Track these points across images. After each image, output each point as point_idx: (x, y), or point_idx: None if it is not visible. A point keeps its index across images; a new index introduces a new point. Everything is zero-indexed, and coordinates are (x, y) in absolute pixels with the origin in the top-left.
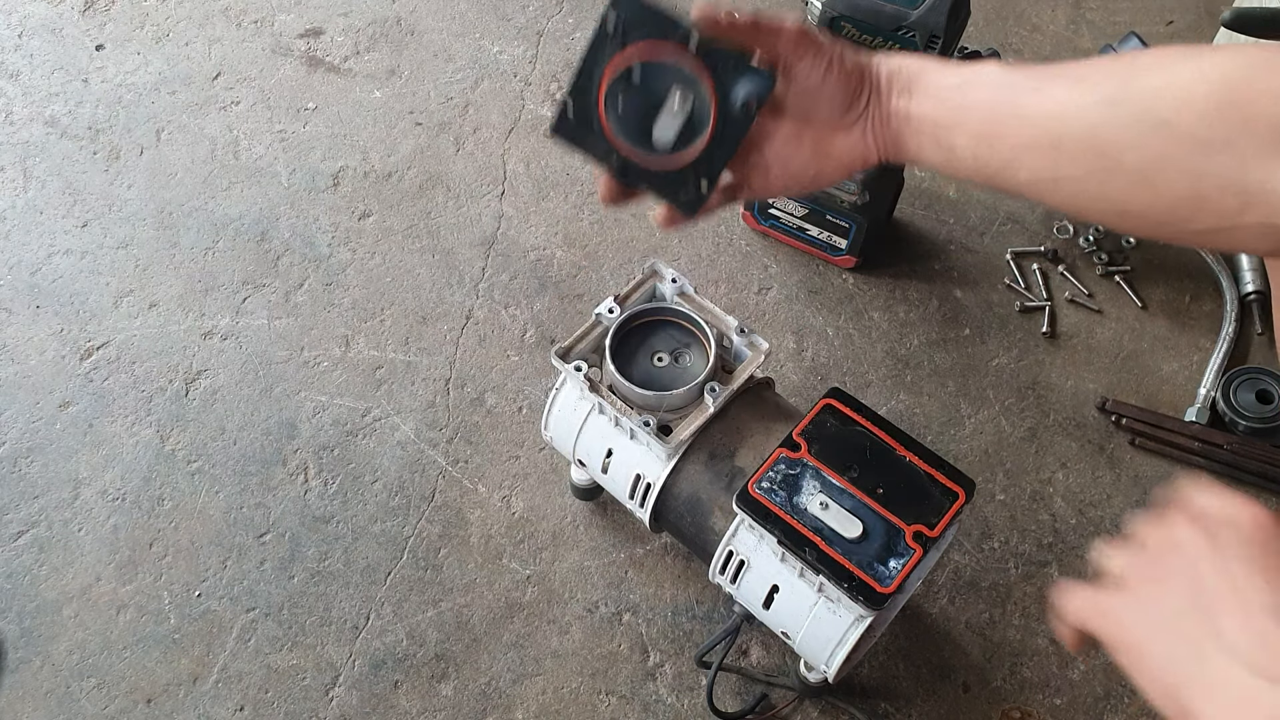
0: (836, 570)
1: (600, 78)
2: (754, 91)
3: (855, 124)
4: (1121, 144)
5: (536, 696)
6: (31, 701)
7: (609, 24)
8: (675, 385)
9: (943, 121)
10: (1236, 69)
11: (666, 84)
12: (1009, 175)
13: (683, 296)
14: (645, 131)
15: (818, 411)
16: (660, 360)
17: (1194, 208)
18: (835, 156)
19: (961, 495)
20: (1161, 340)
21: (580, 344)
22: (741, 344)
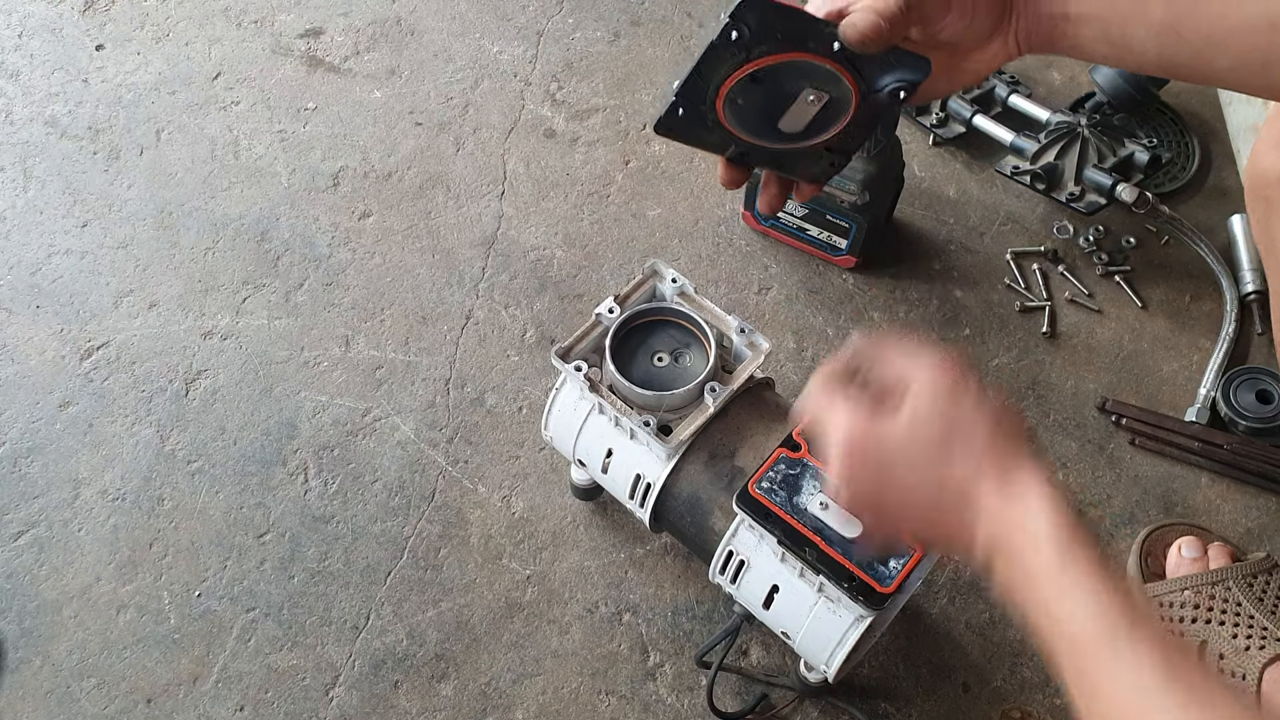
0: (836, 570)
1: (720, 83)
2: (905, 82)
3: (996, 37)
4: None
5: (536, 696)
6: (31, 701)
7: (732, 33)
8: (675, 385)
9: (1113, 17)
10: None
11: (798, 82)
12: (1202, 64)
13: (683, 296)
14: (768, 120)
15: None
16: (660, 360)
17: None
18: (973, 67)
19: None
20: (1161, 340)
21: (580, 344)
22: (741, 344)
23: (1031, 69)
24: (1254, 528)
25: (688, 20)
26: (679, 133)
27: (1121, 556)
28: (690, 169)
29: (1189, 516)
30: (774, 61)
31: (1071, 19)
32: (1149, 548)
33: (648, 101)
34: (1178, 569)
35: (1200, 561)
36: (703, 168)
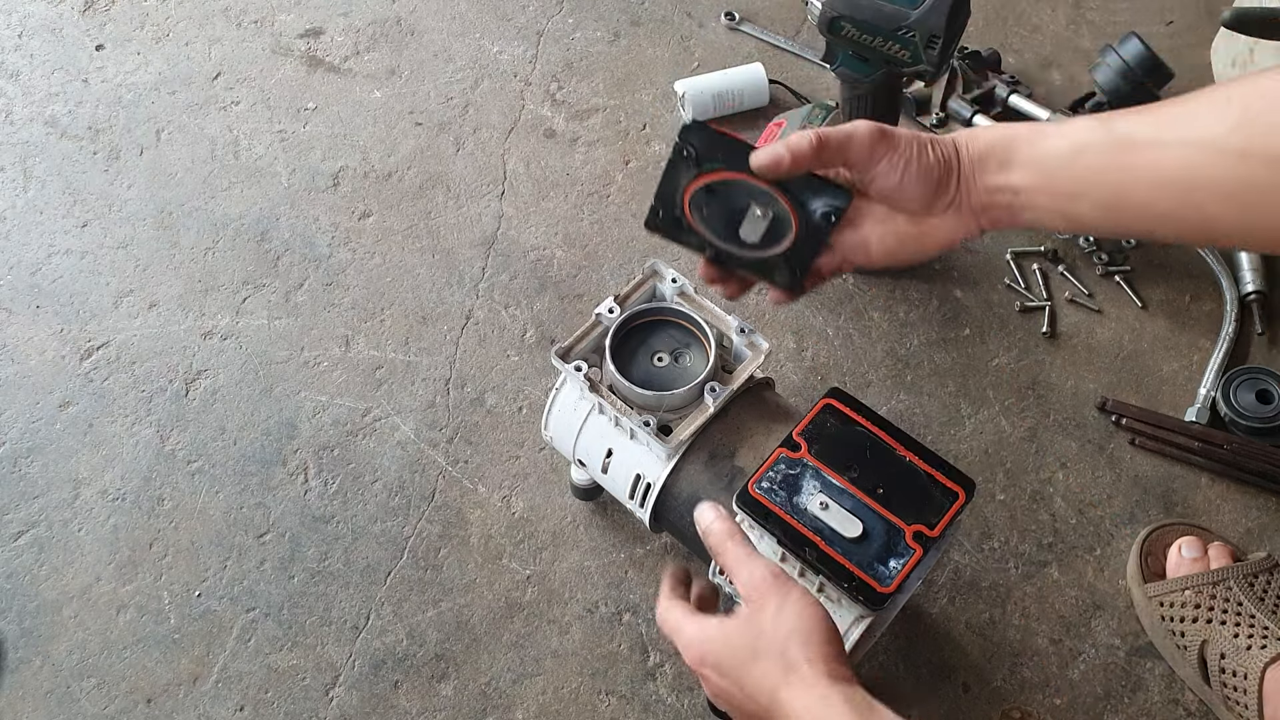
0: (836, 570)
1: (682, 191)
2: (830, 208)
3: (949, 208)
4: (1269, 197)
5: (536, 696)
6: (31, 701)
7: (683, 152)
8: (675, 385)
9: (1060, 192)
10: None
11: (745, 198)
12: (1150, 233)
13: (683, 296)
14: (731, 228)
15: (818, 411)
16: (660, 360)
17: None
18: (933, 236)
19: (962, 495)
20: (1161, 340)
21: (580, 344)
22: (741, 344)
23: (1031, 69)
24: (1254, 528)
25: (688, 20)
26: (664, 231)
27: (1121, 556)
28: None
29: (1189, 516)
30: (721, 178)
31: (1021, 193)
32: (1149, 548)
33: (648, 101)
34: (1178, 569)
35: (1201, 561)
36: None
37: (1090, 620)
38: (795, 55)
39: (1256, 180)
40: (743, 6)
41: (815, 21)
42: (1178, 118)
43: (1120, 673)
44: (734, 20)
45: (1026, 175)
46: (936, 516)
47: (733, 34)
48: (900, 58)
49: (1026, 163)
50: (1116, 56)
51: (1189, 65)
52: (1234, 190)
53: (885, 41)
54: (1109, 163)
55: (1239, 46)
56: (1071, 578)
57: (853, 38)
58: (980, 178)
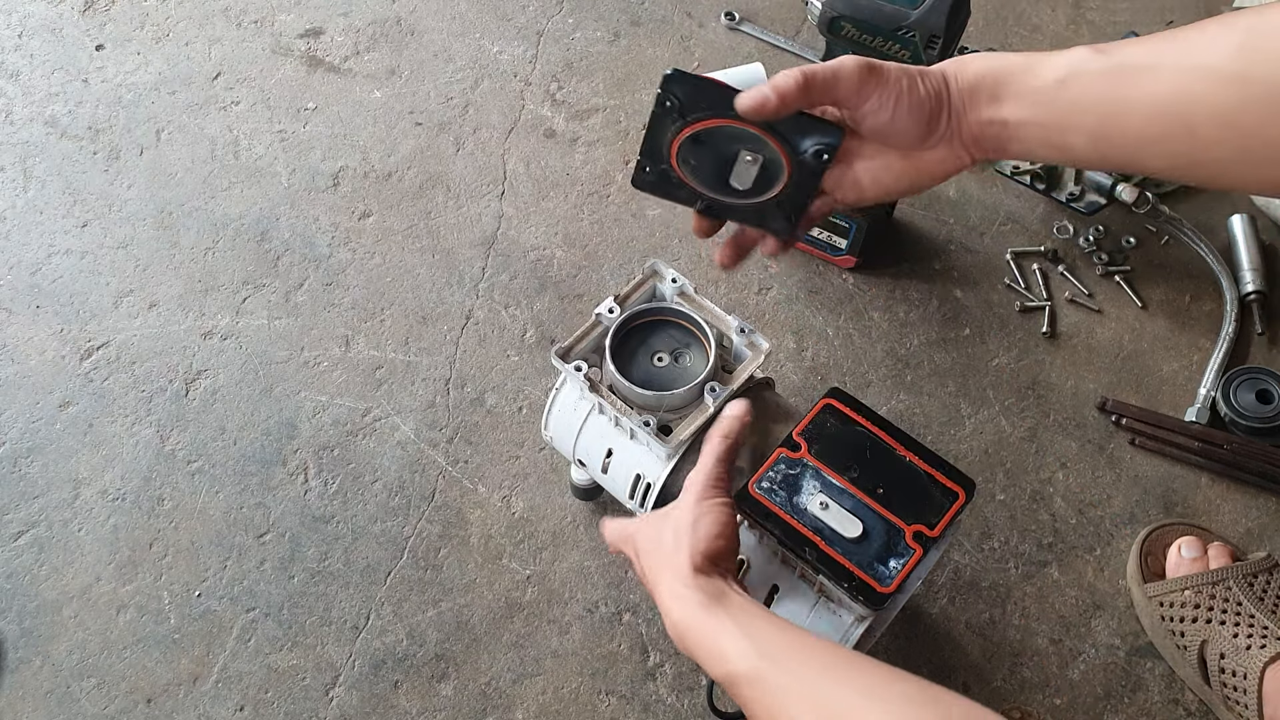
0: (836, 570)
1: (669, 144)
2: (821, 146)
3: (940, 143)
4: (1263, 122)
5: (536, 696)
6: (31, 701)
7: (666, 102)
8: (675, 385)
9: (1051, 124)
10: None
11: (733, 144)
12: (1140, 164)
13: (683, 296)
14: (721, 178)
15: (818, 411)
16: (660, 360)
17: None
18: (926, 170)
19: (962, 495)
20: (1161, 340)
21: (580, 344)
22: (741, 344)
23: None
24: (1254, 528)
25: (688, 20)
26: (651, 188)
27: (1121, 556)
28: None
29: (1189, 516)
30: (707, 126)
31: (1011, 125)
32: (1149, 548)
33: (648, 101)
34: (1177, 569)
35: (1200, 561)
36: None
37: (1090, 620)
38: (795, 55)
39: (1256, 105)
40: (743, 6)
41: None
42: (1176, 44)
43: (1120, 673)
44: (734, 20)
45: (1017, 108)
46: (936, 516)
47: (733, 34)
48: (900, 58)
49: (1018, 95)
50: None
51: None
52: (1232, 116)
53: (885, 41)
54: (1102, 89)
55: None
56: (1071, 578)
57: (853, 38)
58: (971, 110)
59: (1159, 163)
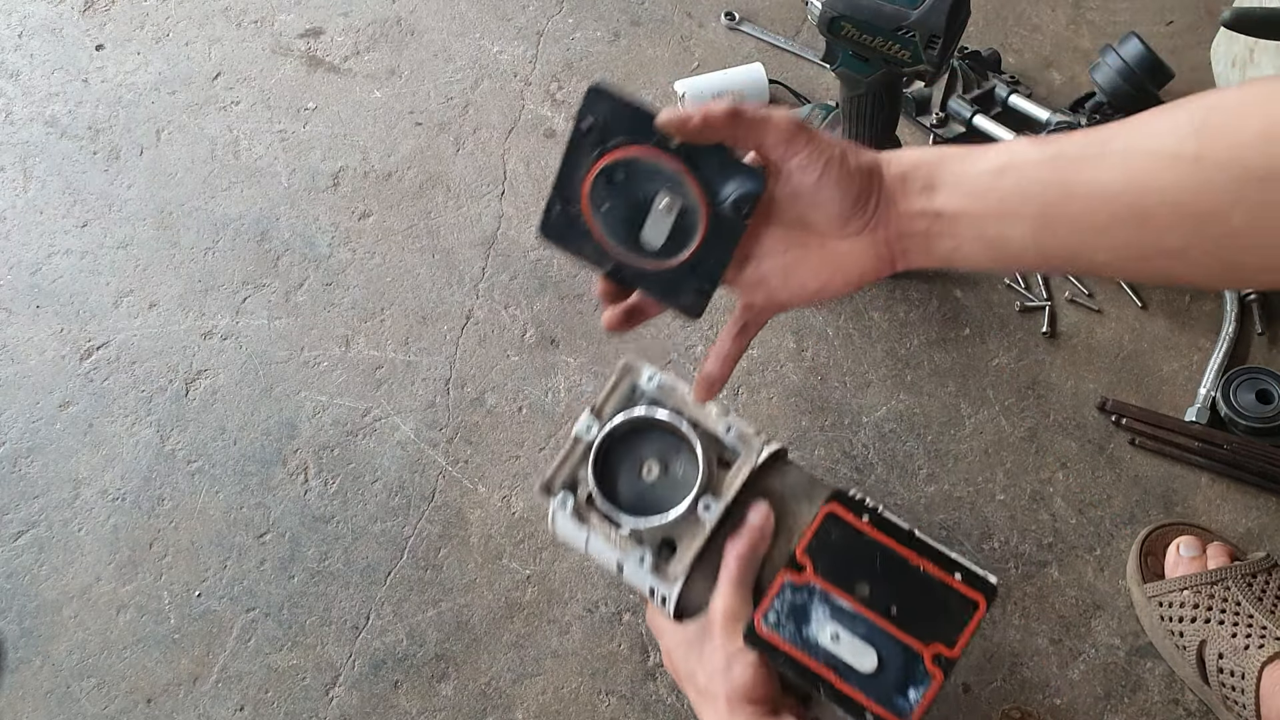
0: (854, 708)
1: (582, 179)
2: (743, 192)
3: (863, 232)
4: (1223, 206)
5: (536, 696)
6: (31, 701)
7: (583, 125)
8: (669, 497)
9: (987, 215)
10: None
11: (652, 185)
12: (1084, 258)
13: (662, 390)
14: (632, 231)
15: (821, 521)
16: (650, 472)
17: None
18: (842, 268)
19: (982, 604)
20: (1161, 340)
21: (563, 469)
22: (733, 441)
23: (1031, 69)
24: (1254, 528)
25: (688, 20)
26: (560, 238)
27: (1121, 556)
28: None
29: (1189, 516)
30: (626, 155)
31: (944, 217)
32: (1149, 548)
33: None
34: (1176, 569)
35: (1199, 561)
36: None
37: (1090, 620)
38: (795, 55)
39: (1215, 189)
40: (743, 6)
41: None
42: (1125, 130)
43: (1120, 673)
44: (734, 20)
45: (952, 197)
46: (956, 632)
47: (733, 34)
48: (900, 58)
49: (954, 183)
50: (1116, 56)
51: (1189, 65)
52: (1188, 201)
53: (885, 41)
54: (1044, 175)
55: (1239, 46)
56: (1071, 578)
57: (853, 38)
58: (901, 200)
59: (1106, 255)
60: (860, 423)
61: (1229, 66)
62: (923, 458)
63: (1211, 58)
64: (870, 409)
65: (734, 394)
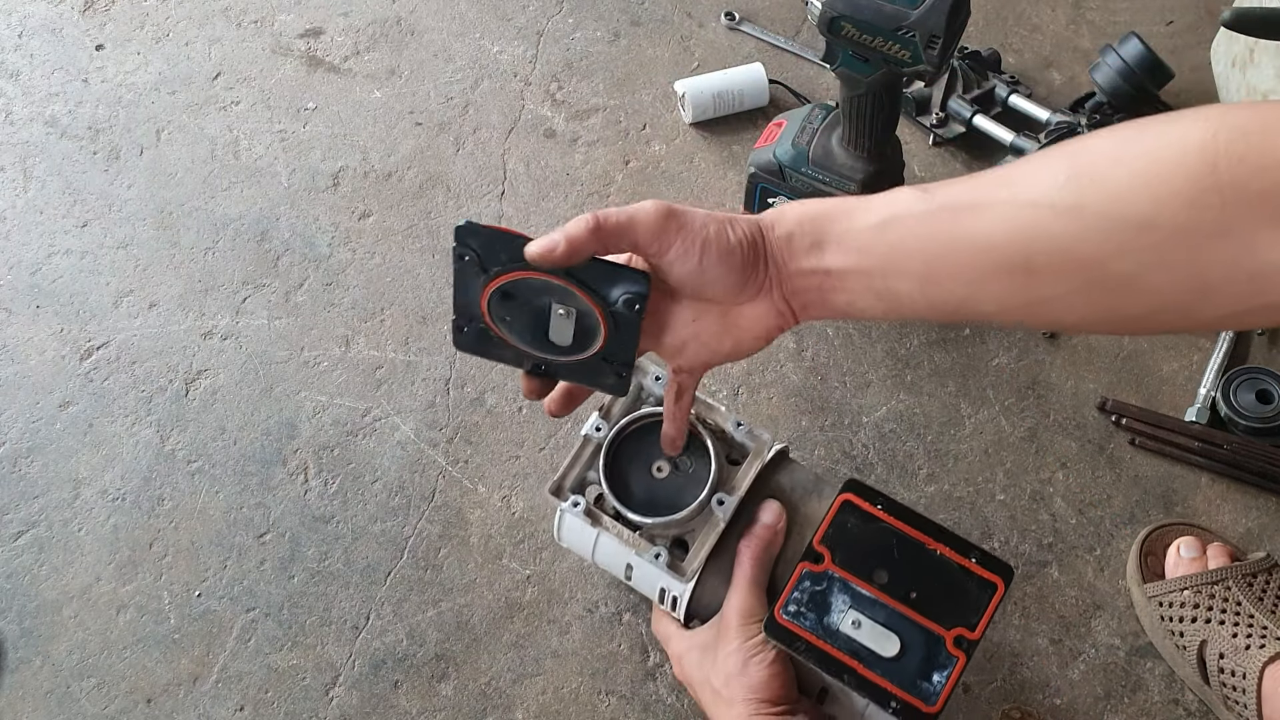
0: (879, 695)
1: (478, 301)
2: (629, 294)
3: (759, 295)
4: (1103, 254)
5: (536, 696)
6: (31, 701)
7: (462, 257)
8: (681, 496)
9: (874, 270)
10: (1216, 143)
11: (546, 296)
12: (971, 308)
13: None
14: (540, 334)
15: (836, 511)
16: (660, 471)
17: (1203, 299)
18: (749, 329)
19: (1000, 585)
20: (1161, 340)
21: (574, 471)
22: (742, 437)
23: (1031, 69)
24: (1254, 528)
25: (688, 20)
26: (475, 349)
27: (1121, 556)
28: (690, 169)
29: (1189, 516)
30: (511, 279)
31: (834, 275)
32: (1149, 548)
33: (648, 101)
34: (1176, 569)
35: (1199, 561)
36: (703, 168)
37: (1090, 620)
38: (795, 55)
39: (1093, 235)
40: (743, 6)
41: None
42: (1002, 180)
43: (1120, 673)
44: (734, 20)
45: (839, 255)
46: (976, 615)
47: (733, 34)
48: (900, 58)
49: (839, 241)
50: (1116, 56)
51: (1189, 65)
52: (1068, 247)
53: (885, 41)
54: (927, 229)
55: (1239, 46)
56: (1071, 578)
57: (853, 38)
58: (790, 261)
59: (992, 305)
60: (860, 423)
61: (1229, 66)
62: (923, 458)
63: (1211, 58)
64: (870, 409)
65: (734, 394)
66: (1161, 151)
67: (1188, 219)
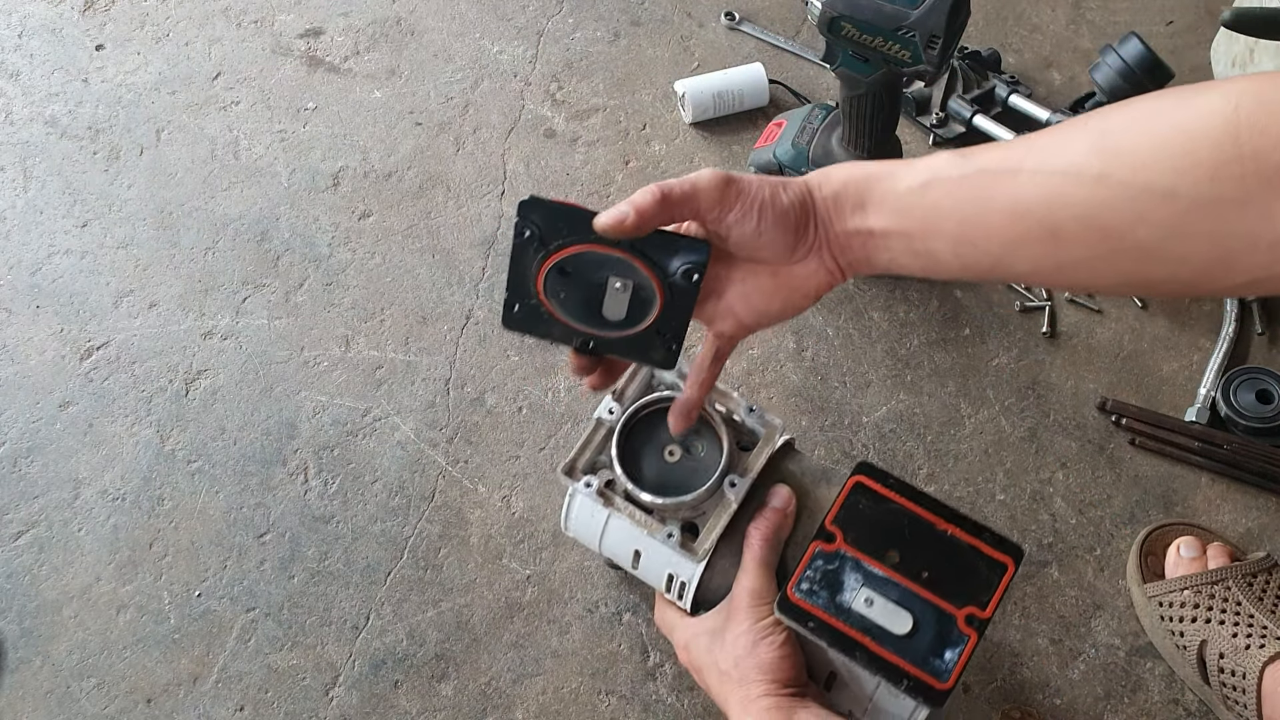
0: (891, 671)
1: (534, 277)
2: (690, 263)
3: (809, 255)
4: (1126, 222)
5: (536, 696)
6: (31, 701)
7: (523, 234)
8: (692, 479)
9: (914, 231)
10: (1238, 116)
11: (602, 270)
12: (1004, 269)
13: (681, 376)
14: (593, 310)
15: (848, 493)
16: (672, 454)
17: (1224, 268)
18: (799, 289)
19: (1010, 565)
20: (1161, 340)
21: (585, 454)
22: (753, 423)
23: (1031, 69)
24: (1254, 528)
25: (688, 20)
26: (525, 327)
27: (1121, 556)
28: (690, 169)
29: (1189, 516)
30: (570, 253)
31: (877, 235)
32: (1149, 548)
33: (648, 101)
34: (1176, 569)
35: (1199, 561)
36: (703, 167)
37: (1090, 620)
38: (795, 55)
39: (1118, 205)
40: (743, 6)
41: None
42: (1034, 147)
43: (1120, 673)
44: (734, 20)
45: (881, 216)
46: (987, 594)
47: (733, 34)
48: (900, 58)
49: (881, 202)
50: (1116, 56)
51: (1189, 65)
52: (1093, 214)
53: (885, 41)
54: (962, 193)
55: (1239, 46)
56: (1071, 578)
57: (853, 38)
58: (836, 221)
59: (1023, 267)
60: (860, 423)
61: (1229, 66)
62: (923, 458)
63: (1211, 58)
64: (870, 409)
65: None
66: (1185, 123)
67: (1209, 190)
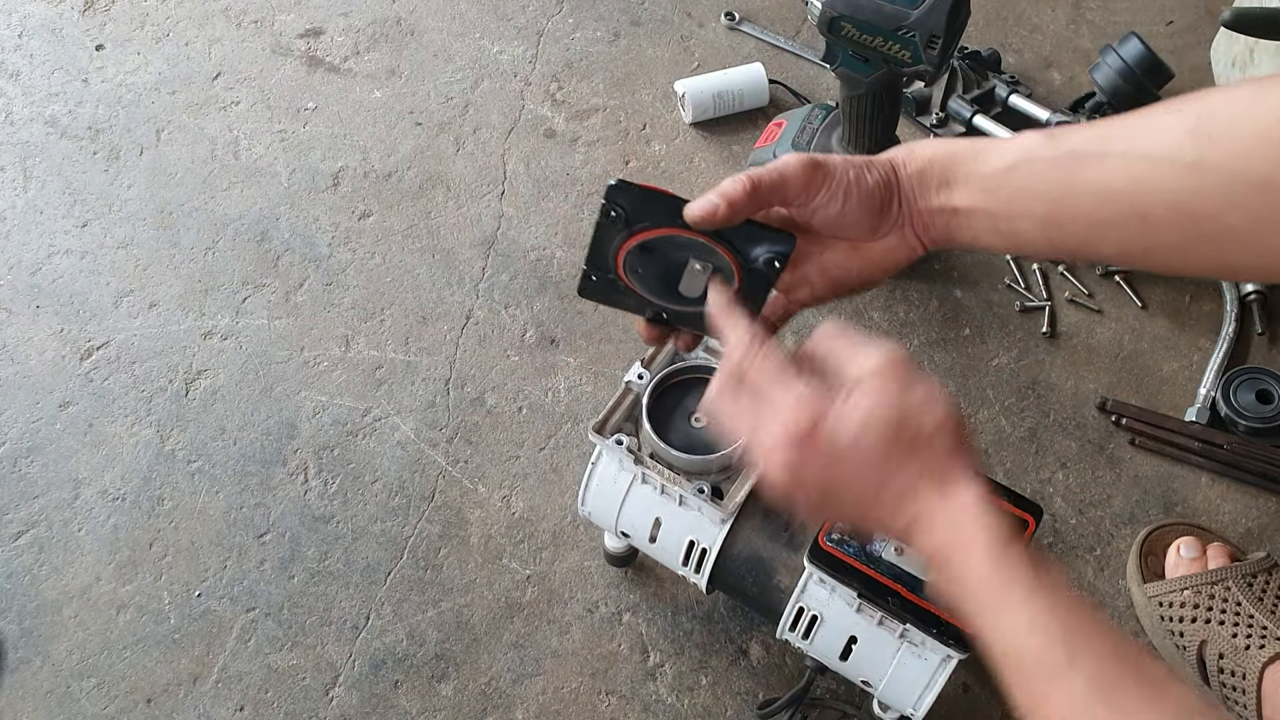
0: (923, 617)
1: (614, 253)
2: (775, 253)
3: (892, 231)
4: (1219, 209)
5: (536, 696)
6: (31, 701)
7: (610, 213)
8: (718, 445)
9: (999, 212)
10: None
11: (684, 252)
12: (1091, 250)
13: (709, 351)
14: (669, 285)
15: None
16: (698, 421)
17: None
18: (878, 261)
19: (1032, 522)
20: (1161, 340)
21: (614, 415)
22: None
23: (1031, 69)
24: (1254, 528)
25: (688, 20)
26: (599, 297)
27: (1121, 556)
28: (690, 169)
29: (1189, 516)
30: (654, 235)
31: (961, 213)
32: (1149, 548)
33: (648, 101)
34: (1176, 569)
35: (1199, 561)
36: (703, 168)
37: None
38: (795, 55)
39: (1210, 192)
40: (743, 6)
41: (815, 21)
42: (1126, 132)
43: None
44: (734, 20)
45: (967, 194)
46: None
47: (733, 34)
48: (900, 58)
49: (967, 181)
50: (1116, 56)
51: (1189, 65)
52: (1186, 203)
53: (885, 41)
54: (1052, 176)
55: (1239, 46)
56: (1071, 578)
57: (853, 38)
58: (920, 198)
59: (1111, 249)
60: None
61: (1229, 66)
62: None
63: (1211, 58)
64: None
65: None
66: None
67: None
